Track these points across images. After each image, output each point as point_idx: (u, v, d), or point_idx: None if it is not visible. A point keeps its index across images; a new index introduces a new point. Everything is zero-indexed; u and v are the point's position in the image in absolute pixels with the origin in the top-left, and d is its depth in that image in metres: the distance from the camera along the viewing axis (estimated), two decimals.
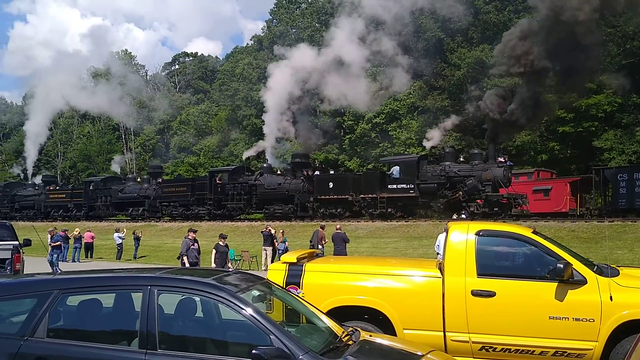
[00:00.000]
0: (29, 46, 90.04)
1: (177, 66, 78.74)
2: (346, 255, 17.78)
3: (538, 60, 25.30)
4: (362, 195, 30.25)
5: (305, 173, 33.74)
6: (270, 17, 59.78)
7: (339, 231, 19.14)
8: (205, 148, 56.86)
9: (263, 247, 21.43)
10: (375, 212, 29.66)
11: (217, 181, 36.49)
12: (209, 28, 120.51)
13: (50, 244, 20.65)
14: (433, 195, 28.19)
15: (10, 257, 12.07)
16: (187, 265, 14.82)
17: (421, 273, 6.41)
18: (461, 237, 6.37)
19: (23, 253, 12.61)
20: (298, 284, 6.39)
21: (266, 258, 21.14)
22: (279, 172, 35.54)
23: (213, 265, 15.45)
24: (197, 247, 15.55)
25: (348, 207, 31.19)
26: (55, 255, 20.92)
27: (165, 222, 38.09)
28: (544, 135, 37.91)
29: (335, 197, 31.14)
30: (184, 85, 74.99)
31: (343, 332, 4.47)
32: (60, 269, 19.25)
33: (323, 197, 31.62)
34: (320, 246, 19.05)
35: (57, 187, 49.73)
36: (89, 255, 26.79)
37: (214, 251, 15.97)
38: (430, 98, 42.04)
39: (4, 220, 31.92)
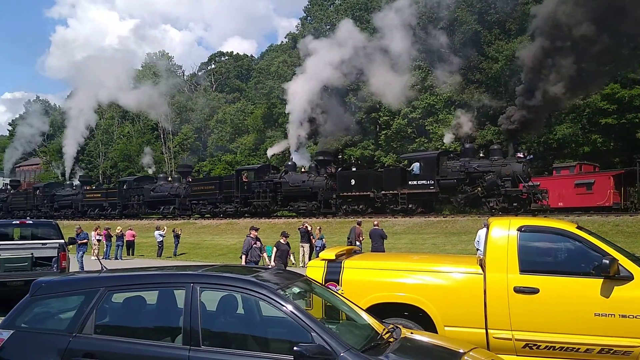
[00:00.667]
0: (70, 49, 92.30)
1: (213, 66, 79.65)
2: (384, 251, 17.70)
3: (581, 28, 24.37)
4: (383, 192, 30.60)
5: (328, 170, 34.21)
6: (305, 15, 59.91)
7: (377, 227, 19.07)
8: (242, 146, 57.40)
9: (300, 244, 21.50)
10: (397, 208, 29.90)
11: (244, 179, 37.46)
12: (243, 27, 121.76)
13: (77, 242, 20.92)
14: (453, 191, 28.42)
15: (56, 255, 12.40)
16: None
17: (462, 269, 6.33)
18: (503, 233, 6.26)
19: (68, 251, 12.93)
20: (337, 281, 6.39)
21: (304, 255, 21.21)
22: (303, 169, 36.31)
23: (272, 263, 15.39)
24: (259, 245, 15.33)
25: (370, 203, 31.56)
26: (80, 253, 21.23)
27: (205, 219, 38.67)
28: (586, 127, 36.96)
29: (357, 193, 31.64)
30: (220, 84, 75.86)
31: (384, 329, 4.45)
32: (83, 267, 19.55)
33: (345, 193, 32.17)
34: (357, 243, 19.02)
35: (94, 187, 51.95)
36: (130, 253, 27.36)
37: (274, 249, 16.04)
38: (468, 92, 41.45)
39: (45, 219, 33.26)
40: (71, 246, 13.86)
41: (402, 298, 6.23)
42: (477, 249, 15.06)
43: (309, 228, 21.66)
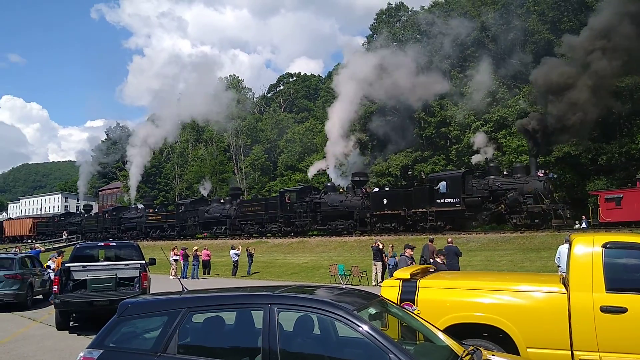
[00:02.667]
0: (146, 77, 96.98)
1: (281, 87, 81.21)
2: (459, 269, 17.30)
3: None
4: (412, 210, 32.04)
5: (363, 190, 36.16)
6: (371, 33, 60.08)
7: (451, 244, 18.69)
8: (312, 165, 57.91)
9: (373, 262, 21.38)
10: (426, 226, 31.11)
11: (287, 200, 39.77)
12: (310, 47, 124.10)
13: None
14: (478, 208, 29.67)
15: (138, 275, 12.90)
16: None
17: (544, 288, 6.09)
18: (586, 249, 5.99)
19: (149, 271, 13.40)
20: (413, 301, 6.30)
21: (376, 273, 21.05)
22: (341, 190, 38.41)
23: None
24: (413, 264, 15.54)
25: (401, 221, 32.86)
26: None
27: (276, 238, 39.25)
28: None
29: (389, 212, 33.14)
30: (289, 104, 77.22)
31: (464, 352, 4.33)
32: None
33: (378, 212, 33.68)
34: (432, 260, 18.66)
35: (155, 210, 55.72)
36: (206, 272, 28.04)
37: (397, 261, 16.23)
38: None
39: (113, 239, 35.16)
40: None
41: (481, 318, 6.05)
42: (559, 266, 14.44)
43: (381, 246, 21.50)
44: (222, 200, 48.07)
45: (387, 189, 36.78)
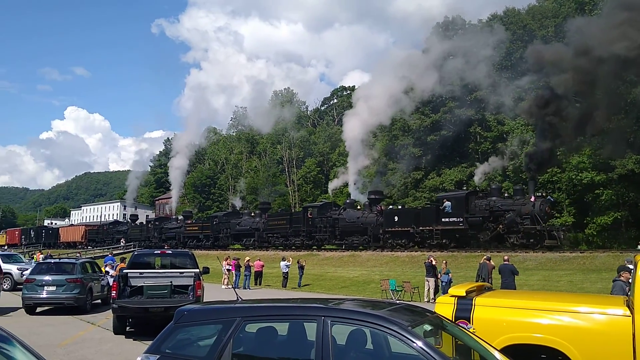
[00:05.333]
0: (203, 90, 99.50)
1: (335, 100, 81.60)
2: (515, 288, 16.81)
3: None
4: (420, 228, 33.75)
5: (378, 208, 38.07)
6: (426, 46, 59.60)
7: (507, 262, 18.20)
8: (365, 178, 57.78)
9: (426, 278, 21.05)
10: (433, 243, 32.67)
11: (309, 215, 41.79)
12: (363, 61, 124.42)
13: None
14: (480, 227, 31.22)
15: (192, 283, 13.12)
16: None
17: (607, 310, 5.82)
18: None
19: (202, 280, 13.60)
20: (468, 319, 6.15)
21: (429, 289, 20.71)
22: (358, 207, 40.33)
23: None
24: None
25: (410, 238, 34.52)
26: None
27: (327, 251, 39.29)
28: None
29: (400, 229, 34.88)
30: (342, 118, 77.49)
31: None
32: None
33: (390, 229, 35.47)
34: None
35: (193, 221, 58.44)
36: (258, 283, 28.26)
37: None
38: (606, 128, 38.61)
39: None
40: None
41: (540, 339, 5.84)
42: None
43: (434, 262, 21.16)
44: (252, 214, 50.49)
45: (399, 207, 39.11)
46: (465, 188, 42.38)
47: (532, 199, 29.35)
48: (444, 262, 22.13)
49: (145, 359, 4.56)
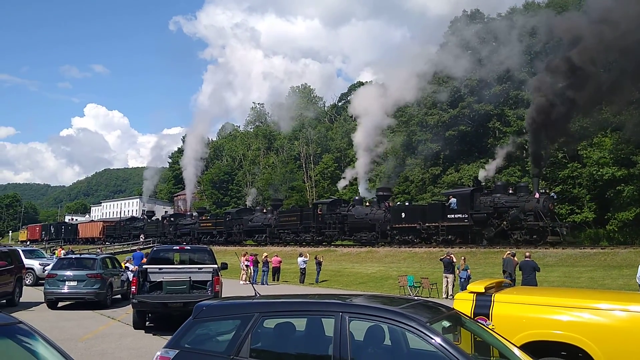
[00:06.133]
0: (219, 86, 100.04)
1: (352, 96, 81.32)
2: (536, 284, 16.67)
3: None
4: (427, 224, 34.26)
5: (386, 204, 38.41)
6: (445, 41, 59.10)
7: (529, 259, 18.04)
8: (381, 174, 57.59)
9: (444, 275, 20.95)
10: (439, 239, 33.19)
11: (319, 212, 42.17)
12: (380, 56, 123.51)
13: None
14: (484, 224, 31.67)
15: (210, 279, 13.20)
16: None
17: (629, 307, 5.73)
18: None
19: (221, 276, 13.68)
20: (487, 315, 6.09)
21: (447, 286, 20.62)
22: (367, 203, 40.40)
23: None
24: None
25: (417, 234, 34.98)
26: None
27: (344, 247, 39.30)
28: None
29: (407, 225, 35.35)
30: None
31: None
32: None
33: (397, 225, 36.00)
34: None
35: (207, 217, 59.07)
36: (275, 279, 28.35)
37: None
38: (626, 113, 38.02)
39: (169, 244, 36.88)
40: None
41: (560, 336, 5.76)
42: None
43: (453, 259, 21.05)
44: (264, 210, 50.76)
45: (406, 204, 39.45)
46: (483, 184, 42.14)
47: (536, 195, 29.60)
48: (463, 258, 21.99)
49: (164, 353, 4.60)
